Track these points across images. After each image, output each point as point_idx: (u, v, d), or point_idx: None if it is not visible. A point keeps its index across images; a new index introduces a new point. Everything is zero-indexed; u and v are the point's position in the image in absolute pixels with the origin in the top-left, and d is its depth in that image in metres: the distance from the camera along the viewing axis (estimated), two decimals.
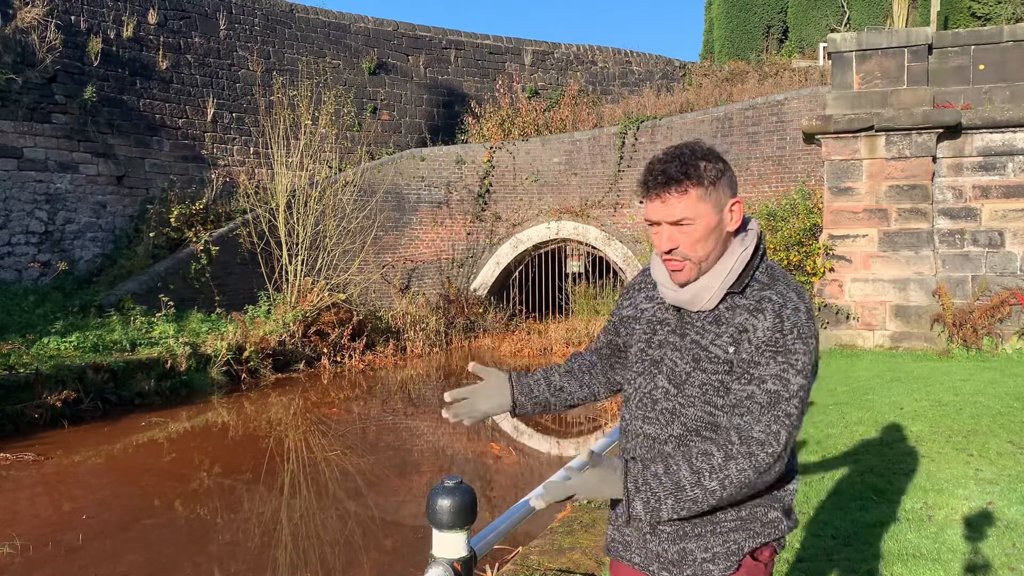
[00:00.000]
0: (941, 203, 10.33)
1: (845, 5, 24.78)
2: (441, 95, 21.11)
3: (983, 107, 10.17)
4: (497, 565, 4.05)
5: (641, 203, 1.78)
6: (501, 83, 20.50)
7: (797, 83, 19.62)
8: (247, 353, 11.92)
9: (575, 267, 17.57)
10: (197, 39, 16.81)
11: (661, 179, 1.70)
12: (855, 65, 10.57)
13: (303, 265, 14.11)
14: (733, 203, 1.73)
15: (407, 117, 20.60)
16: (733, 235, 1.76)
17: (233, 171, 16.82)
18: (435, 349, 15.37)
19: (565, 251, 17.40)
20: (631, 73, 23.44)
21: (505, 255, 16.82)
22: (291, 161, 14.73)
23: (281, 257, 14.17)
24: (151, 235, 14.09)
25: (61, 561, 5.66)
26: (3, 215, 13.18)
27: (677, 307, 1.80)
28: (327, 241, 14.52)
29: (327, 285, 14.07)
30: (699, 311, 1.75)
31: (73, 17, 14.59)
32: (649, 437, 1.78)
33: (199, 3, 17.00)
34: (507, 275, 17.14)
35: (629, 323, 1.93)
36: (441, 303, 16.17)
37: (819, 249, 10.98)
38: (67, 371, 9.49)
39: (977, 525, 4.00)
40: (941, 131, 10.12)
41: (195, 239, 14.04)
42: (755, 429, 1.62)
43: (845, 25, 24.42)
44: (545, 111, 18.61)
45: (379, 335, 14.73)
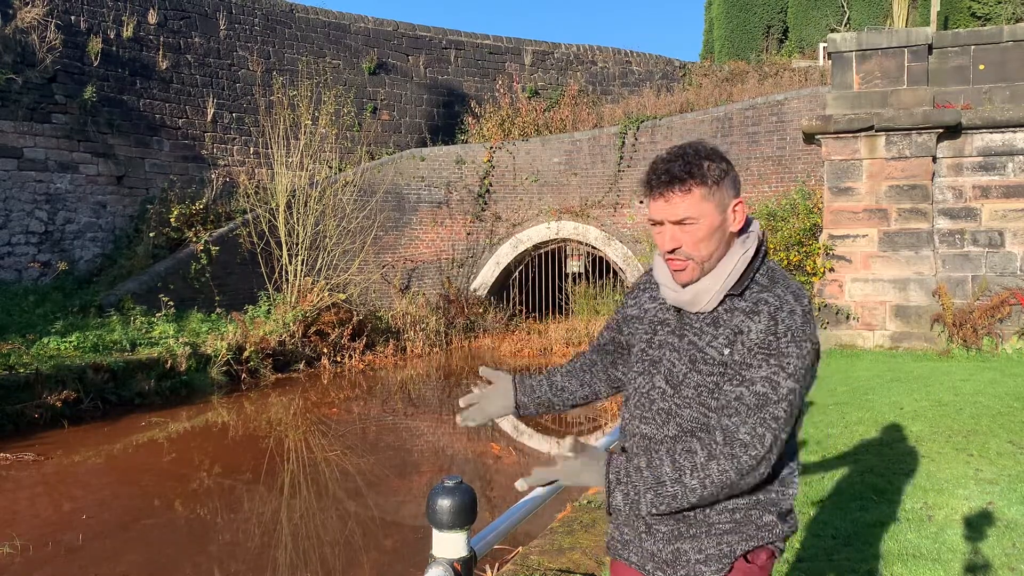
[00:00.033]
0: (941, 203, 10.33)
1: (845, 5, 24.78)
2: (441, 95, 21.11)
3: (983, 107, 10.18)
4: (497, 565, 4.05)
5: (643, 202, 1.79)
6: (501, 83, 20.49)
7: (797, 83, 19.62)
8: (247, 353, 11.92)
9: (575, 267, 17.56)
10: (197, 39, 16.81)
11: (665, 178, 1.70)
12: (855, 65, 10.57)
13: (303, 265, 14.11)
14: (736, 203, 1.73)
15: (407, 117, 20.60)
16: (736, 236, 1.76)
17: (233, 171, 16.82)
18: (435, 349, 15.37)
19: (565, 251, 17.40)
20: (631, 73, 23.44)
21: (505, 255, 16.82)
22: (291, 161, 14.73)
23: (281, 257, 14.16)
24: (151, 235, 14.09)
25: (61, 561, 5.66)
26: (3, 215, 13.18)
27: (678, 308, 1.80)
28: (327, 241, 14.52)
29: (327, 285, 14.06)
30: (698, 312, 1.75)
31: (73, 17, 14.59)
32: (646, 437, 1.78)
33: (199, 3, 17.00)
34: (507, 275, 17.13)
35: (632, 322, 1.94)
36: (441, 303, 16.17)
37: (819, 249, 10.98)
38: (67, 371, 9.48)
39: (977, 525, 4.00)
40: (941, 131, 10.12)
41: (195, 239, 14.04)
42: (741, 431, 1.62)
43: (845, 25, 24.42)
44: (545, 111, 18.61)
45: (379, 335, 14.72)
